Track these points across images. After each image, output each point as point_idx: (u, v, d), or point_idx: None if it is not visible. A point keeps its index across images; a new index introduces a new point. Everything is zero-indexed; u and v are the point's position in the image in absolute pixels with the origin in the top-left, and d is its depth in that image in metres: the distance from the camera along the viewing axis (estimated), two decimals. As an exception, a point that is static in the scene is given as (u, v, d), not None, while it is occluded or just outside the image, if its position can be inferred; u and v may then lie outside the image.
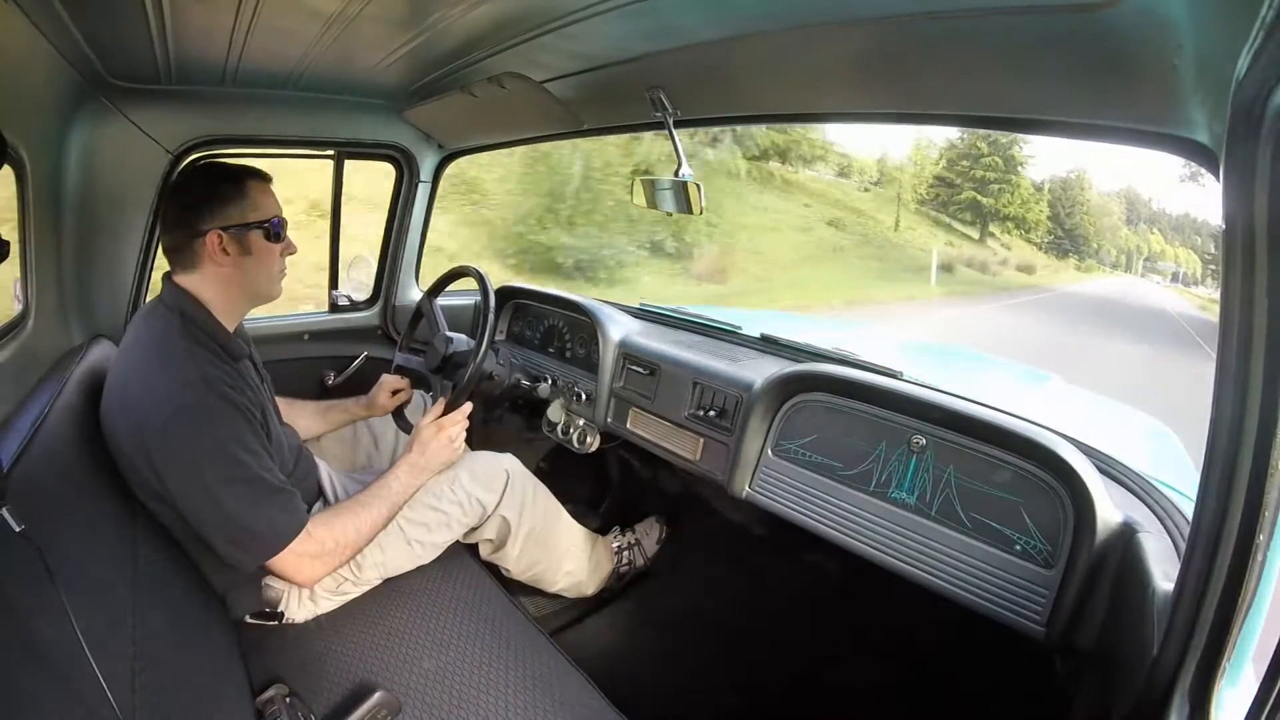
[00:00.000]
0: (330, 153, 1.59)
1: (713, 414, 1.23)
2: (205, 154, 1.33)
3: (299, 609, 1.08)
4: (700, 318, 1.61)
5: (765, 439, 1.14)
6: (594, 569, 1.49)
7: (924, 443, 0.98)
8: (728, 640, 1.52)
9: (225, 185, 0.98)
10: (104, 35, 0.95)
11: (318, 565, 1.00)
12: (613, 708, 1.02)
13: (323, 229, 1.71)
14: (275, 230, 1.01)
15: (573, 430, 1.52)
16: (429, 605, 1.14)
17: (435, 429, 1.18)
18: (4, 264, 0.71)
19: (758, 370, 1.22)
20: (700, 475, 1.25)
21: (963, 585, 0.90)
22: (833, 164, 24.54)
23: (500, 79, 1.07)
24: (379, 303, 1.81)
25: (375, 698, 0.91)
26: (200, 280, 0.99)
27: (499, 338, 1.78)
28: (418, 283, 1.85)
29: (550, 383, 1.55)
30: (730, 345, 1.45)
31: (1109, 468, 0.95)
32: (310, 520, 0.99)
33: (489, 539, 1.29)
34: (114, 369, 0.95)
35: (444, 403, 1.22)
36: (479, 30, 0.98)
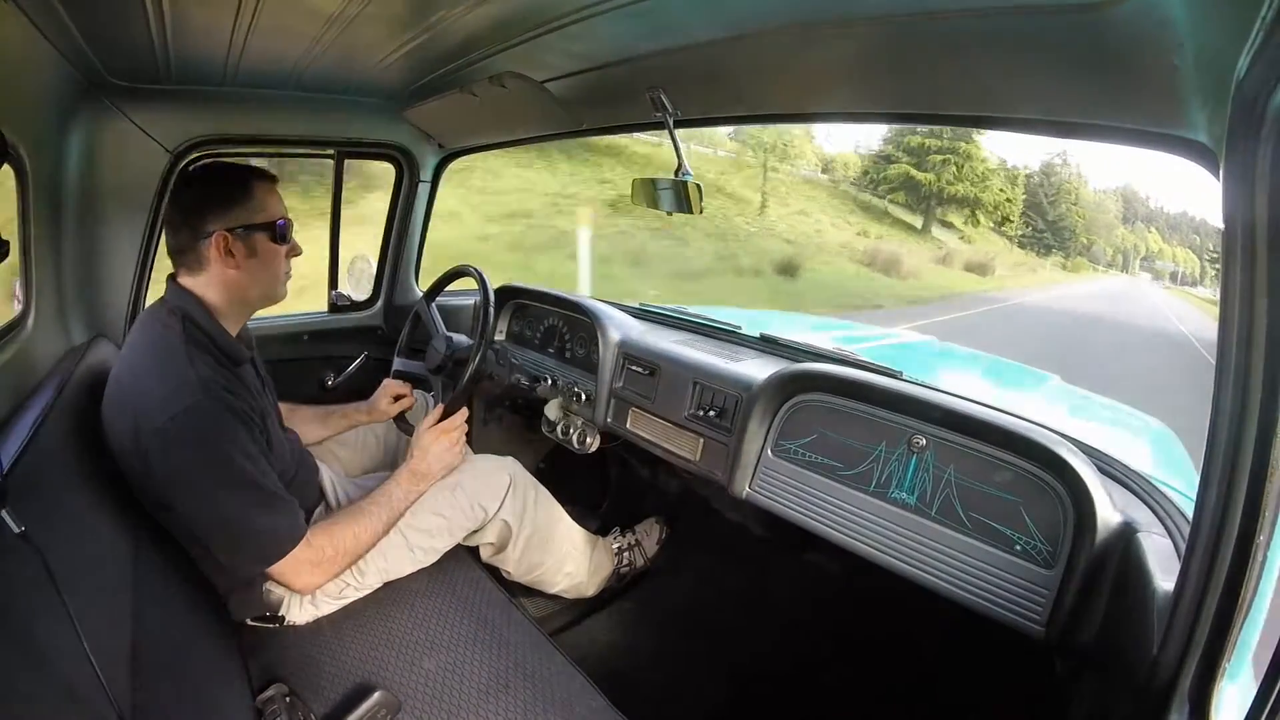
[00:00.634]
0: (330, 152, 1.59)
1: (712, 414, 1.23)
2: (205, 153, 1.33)
3: (300, 612, 1.08)
4: (700, 318, 1.61)
5: (765, 439, 1.14)
6: (594, 570, 1.49)
7: (924, 443, 0.98)
8: (728, 640, 1.52)
9: (231, 186, 0.98)
10: (104, 35, 0.95)
11: (317, 573, 1.00)
12: (613, 707, 1.02)
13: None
14: (281, 232, 1.01)
15: (572, 430, 1.52)
16: (429, 606, 1.14)
17: (435, 434, 1.18)
18: (4, 264, 0.71)
19: (758, 370, 1.22)
20: (700, 475, 1.25)
21: (962, 585, 0.90)
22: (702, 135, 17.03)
23: (500, 79, 1.07)
24: (379, 303, 1.81)
25: (375, 698, 0.91)
26: (205, 282, 0.98)
27: (499, 338, 1.78)
28: (417, 283, 1.85)
29: (550, 383, 1.55)
30: (730, 345, 1.45)
31: (1109, 468, 0.95)
32: (310, 528, 0.99)
33: (490, 542, 1.29)
34: (115, 371, 0.95)
35: (443, 407, 1.22)
36: (479, 30, 0.98)
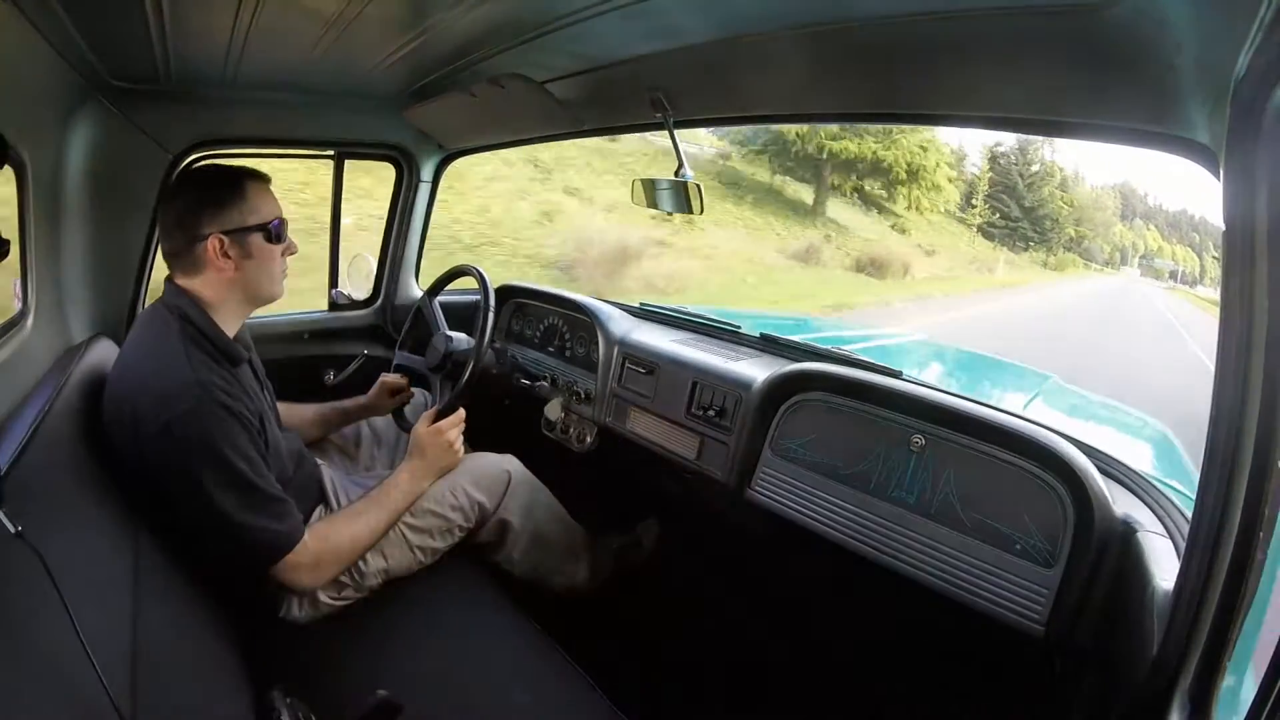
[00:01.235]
0: (330, 153, 1.59)
1: (712, 413, 1.23)
2: (206, 154, 1.33)
3: (300, 612, 1.08)
4: (700, 317, 1.61)
5: (765, 438, 1.14)
6: (594, 570, 1.49)
7: (923, 442, 0.98)
8: (727, 639, 1.52)
9: (223, 188, 0.97)
10: (104, 36, 0.95)
11: (316, 573, 1.00)
12: (612, 707, 1.02)
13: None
14: (276, 232, 1.01)
15: (572, 429, 1.52)
16: (429, 606, 1.14)
17: (434, 432, 1.18)
18: (4, 263, 0.71)
19: (757, 369, 1.22)
20: (700, 474, 1.25)
21: (962, 584, 0.90)
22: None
23: (500, 79, 1.07)
24: (379, 301, 1.81)
25: (375, 698, 0.91)
26: (202, 283, 0.98)
27: (499, 336, 1.78)
28: (417, 282, 1.85)
29: (550, 382, 1.55)
30: (730, 344, 1.45)
31: (1109, 467, 0.95)
32: (309, 529, 0.99)
33: (490, 541, 1.29)
34: (114, 371, 0.95)
35: (441, 406, 1.22)
36: (479, 31, 0.98)
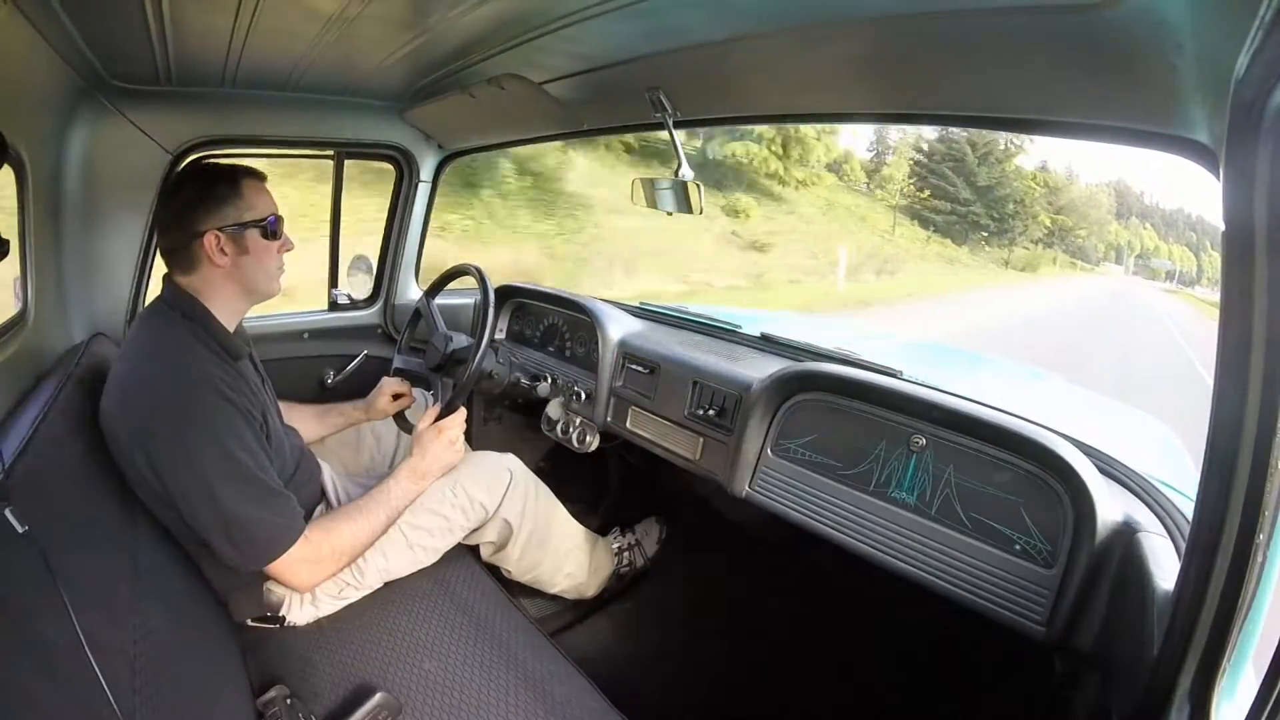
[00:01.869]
0: (330, 153, 1.59)
1: (712, 413, 1.23)
2: (205, 154, 1.33)
3: (300, 612, 1.08)
4: (700, 317, 1.61)
5: (765, 438, 1.14)
6: (594, 570, 1.49)
7: (924, 442, 0.98)
8: (728, 640, 1.52)
9: (220, 185, 0.98)
10: (104, 36, 0.95)
11: (315, 571, 1.00)
12: (613, 708, 1.02)
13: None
14: (272, 228, 1.01)
15: (572, 429, 1.52)
16: (429, 606, 1.14)
17: (435, 432, 1.18)
18: (4, 263, 0.71)
19: (757, 369, 1.22)
20: (700, 474, 1.25)
21: (962, 585, 0.90)
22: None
23: (500, 80, 1.07)
24: (379, 302, 1.81)
25: (375, 699, 0.91)
26: (200, 281, 0.99)
27: (499, 336, 1.78)
28: (417, 282, 1.85)
29: (550, 382, 1.55)
30: (730, 344, 1.45)
31: (1109, 467, 0.94)
32: (309, 525, 0.99)
33: (490, 541, 1.29)
34: (115, 369, 0.95)
35: (442, 406, 1.22)
36: (478, 31, 0.98)
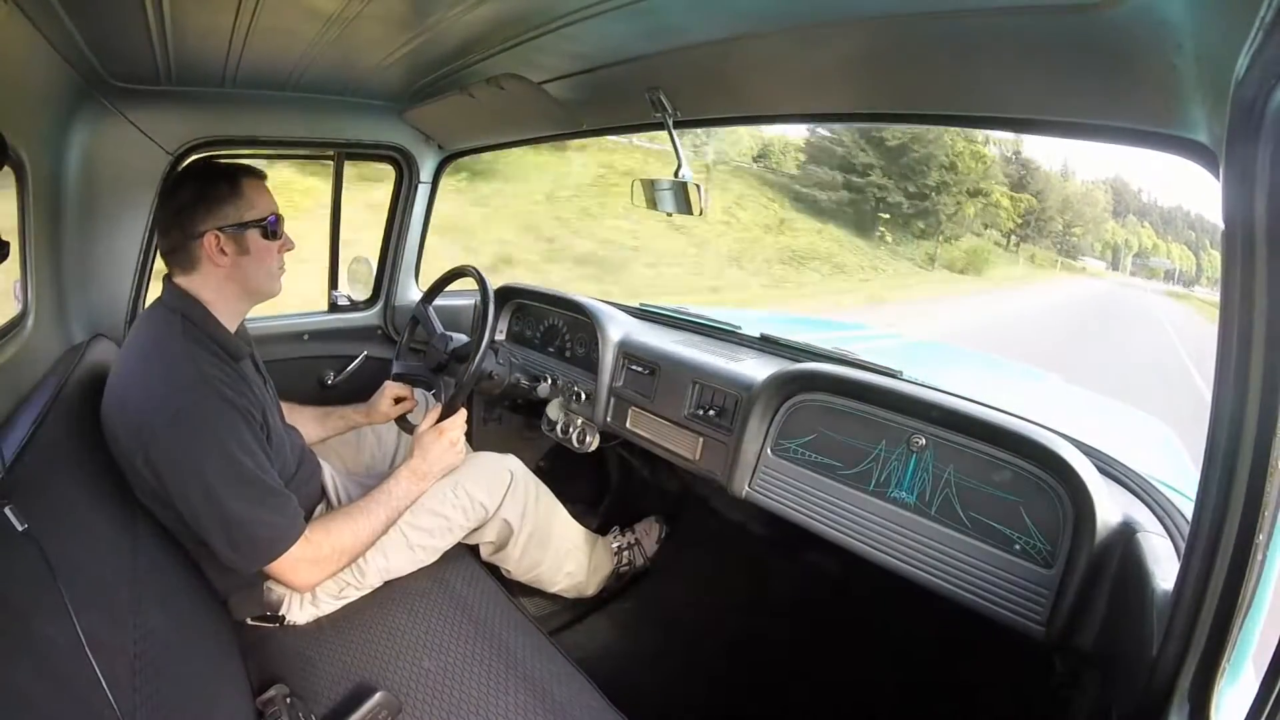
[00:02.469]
0: (330, 153, 1.59)
1: (712, 413, 1.23)
2: (205, 155, 1.33)
3: (300, 611, 1.08)
4: (700, 317, 1.61)
5: (765, 438, 1.14)
6: (594, 569, 1.49)
7: (924, 442, 0.98)
8: (728, 640, 1.52)
9: (220, 185, 0.98)
10: (104, 36, 0.95)
11: (315, 571, 1.00)
12: (613, 708, 1.02)
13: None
14: (272, 228, 1.01)
15: (572, 430, 1.52)
16: (429, 606, 1.14)
17: (435, 433, 1.18)
18: (4, 264, 0.71)
19: (757, 370, 1.22)
20: (700, 475, 1.25)
21: (962, 585, 0.90)
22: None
23: (499, 80, 1.07)
24: (379, 303, 1.81)
25: (375, 698, 0.91)
26: (200, 281, 0.98)
27: (499, 337, 1.78)
28: (417, 283, 1.86)
29: (550, 382, 1.55)
30: (730, 345, 1.46)
31: (1109, 468, 0.95)
32: (309, 525, 0.99)
33: (490, 540, 1.29)
34: (115, 369, 0.95)
35: (443, 407, 1.22)
36: (478, 31, 0.98)
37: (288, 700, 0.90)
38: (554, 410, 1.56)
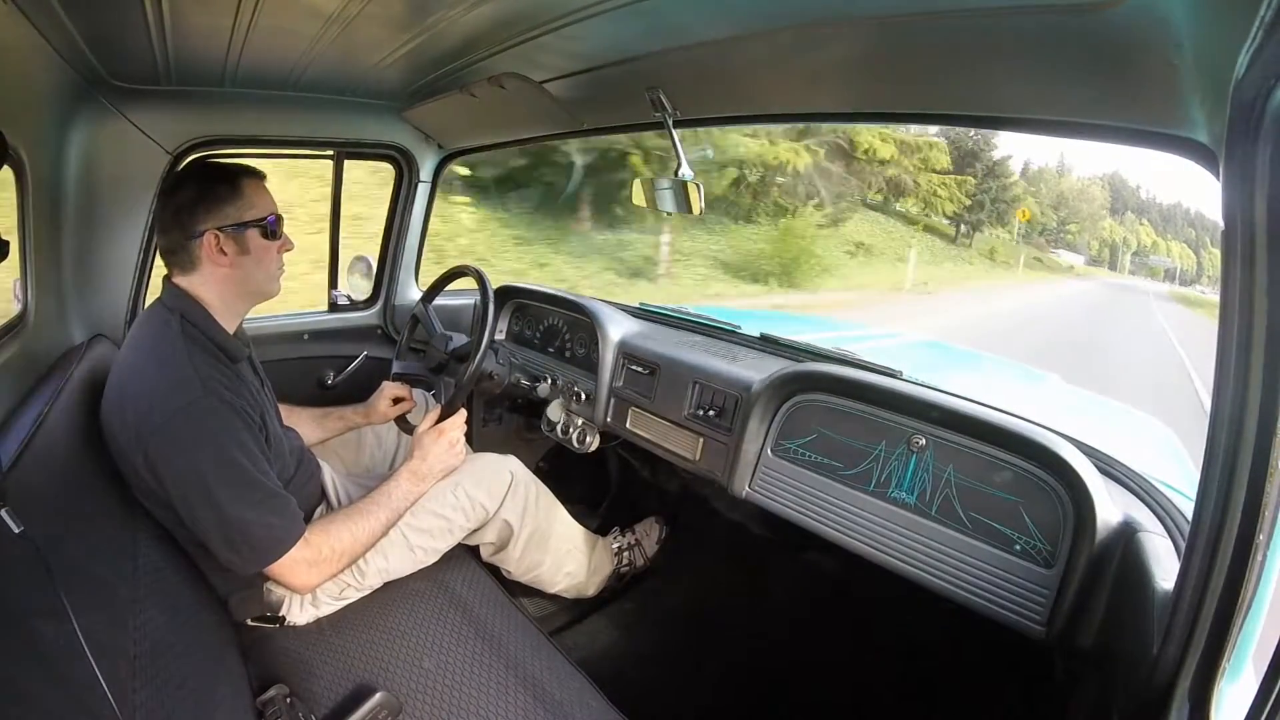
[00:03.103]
0: (330, 153, 1.59)
1: (712, 414, 1.23)
2: (204, 154, 1.33)
3: (300, 612, 1.08)
4: (700, 318, 1.61)
5: (765, 438, 1.14)
6: (594, 570, 1.49)
7: (924, 442, 0.98)
8: (728, 640, 1.52)
9: (220, 185, 0.97)
10: (104, 36, 0.95)
11: (315, 572, 1.00)
12: (613, 708, 1.02)
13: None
14: (272, 228, 1.01)
15: (572, 430, 1.52)
16: (429, 606, 1.14)
17: (435, 434, 1.18)
18: (4, 264, 0.71)
19: (757, 370, 1.22)
20: (700, 475, 1.25)
21: (962, 585, 0.90)
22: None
23: (499, 79, 1.07)
24: (378, 302, 1.81)
25: (375, 698, 0.91)
26: (199, 281, 0.98)
27: (499, 337, 1.78)
28: (417, 282, 1.86)
29: (550, 382, 1.55)
30: (730, 345, 1.45)
31: (1109, 468, 0.95)
32: (309, 527, 0.99)
33: (490, 541, 1.29)
34: (114, 370, 0.95)
35: (443, 408, 1.21)
36: (478, 30, 0.98)
37: (288, 701, 0.90)
38: (554, 411, 1.56)
